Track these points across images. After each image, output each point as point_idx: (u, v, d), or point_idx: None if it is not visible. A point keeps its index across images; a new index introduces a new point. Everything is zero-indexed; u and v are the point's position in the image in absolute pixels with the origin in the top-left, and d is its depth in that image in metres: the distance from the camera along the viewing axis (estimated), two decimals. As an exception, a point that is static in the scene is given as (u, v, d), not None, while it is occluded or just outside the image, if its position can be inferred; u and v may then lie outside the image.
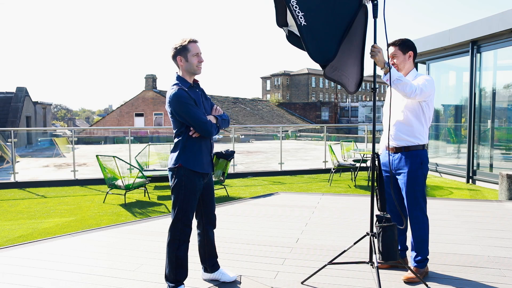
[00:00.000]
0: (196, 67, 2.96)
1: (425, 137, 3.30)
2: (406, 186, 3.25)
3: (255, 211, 5.73)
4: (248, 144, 25.05)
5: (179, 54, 2.93)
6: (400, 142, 3.28)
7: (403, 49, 3.29)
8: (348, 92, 3.18)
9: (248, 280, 3.31)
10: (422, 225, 3.26)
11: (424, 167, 3.27)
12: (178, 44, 2.94)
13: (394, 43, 3.30)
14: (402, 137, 3.27)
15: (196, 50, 2.95)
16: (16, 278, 3.40)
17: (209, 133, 2.94)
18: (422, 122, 3.26)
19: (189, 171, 2.94)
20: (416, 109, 3.24)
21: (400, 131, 3.28)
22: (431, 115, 3.34)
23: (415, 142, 3.25)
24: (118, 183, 6.76)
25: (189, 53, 2.92)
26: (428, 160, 3.36)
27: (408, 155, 3.25)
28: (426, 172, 3.34)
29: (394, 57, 3.29)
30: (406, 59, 3.31)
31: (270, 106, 56.56)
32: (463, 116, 9.87)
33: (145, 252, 4.00)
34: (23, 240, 4.68)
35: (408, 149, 3.26)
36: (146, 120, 39.81)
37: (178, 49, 2.93)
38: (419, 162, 3.23)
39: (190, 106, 2.87)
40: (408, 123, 3.25)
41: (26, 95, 24.79)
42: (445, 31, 9.11)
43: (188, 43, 2.93)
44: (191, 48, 2.93)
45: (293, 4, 2.61)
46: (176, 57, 2.95)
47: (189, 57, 2.93)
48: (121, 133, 32.05)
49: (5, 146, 14.91)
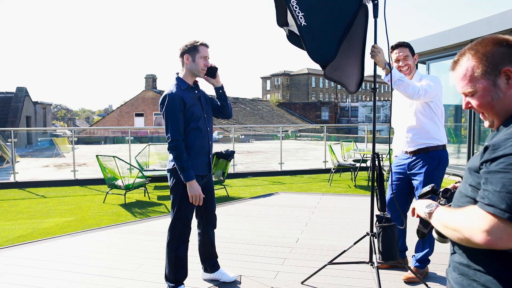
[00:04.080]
0: (201, 69, 2.96)
1: (443, 137, 3.26)
2: (422, 187, 3.22)
3: (255, 211, 5.73)
4: (248, 144, 25.04)
5: (188, 52, 2.93)
6: (418, 146, 3.25)
7: (412, 51, 3.29)
8: (349, 92, 3.18)
9: (248, 280, 3.31)
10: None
11: (441, 168, 3.23)
12: (189, 43, 2.95)
13: (404, 44, 3.26)
14: (420, 142, 3.23)
15: (205, 54, 2.95)
16: (16, 278, 3.40)
17: (172, 148, 2.85)
18: (437, 122, 3.23)
19: None
20: (427, 111, 3.21)
21: (417, 136, 3.24)
22: (443, 113, 3.30)
23: (434, 143, 3.21)
24: (118, 183, 6.76)
25: (198, 54, 2.93)
26: (448, 161, 3.29)
27: (426, 156, 3.21)
28: (443, 173, 3.29)
29: (407, 58, 3.25)
30: (415, 61, 3.31)
31: (270, 106, 56.56)
32: (463, 116, 9.87)
33: (145, 252, 4.00)
34: (23, 240, 4.68)
35: (427, 150, 3.22)
36: (146, 120, 39.81)
37: (188, 48, 2.93)
38: (436, 163, 3.20)
39: (173, 113, 2.84)
40: (423, 127, 3.21)
41: (26, 95, 24.78)
42: (445, 31, 9.11)
43: (200, 45, 2.94)
44: (201, 50, 2.93)
45: (293, 4, 2.61)
46: (184, 55, 2.94)
47: (197, 58, 2.93)
48: (120, 133, 32.05)
49: (5, 146, 14.91)
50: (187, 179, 2.85)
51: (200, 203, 2.94)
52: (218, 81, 3.11)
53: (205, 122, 3.02)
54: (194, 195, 2.87)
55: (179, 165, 2.84)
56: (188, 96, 2.92)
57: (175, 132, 2.85)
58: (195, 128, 2.94)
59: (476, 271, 1.22)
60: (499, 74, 1.22)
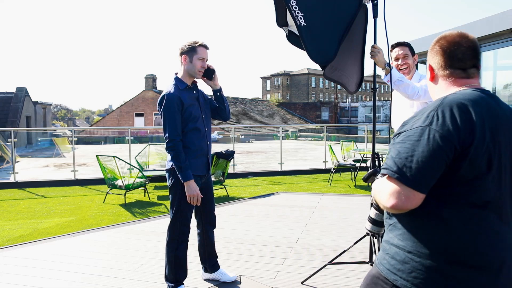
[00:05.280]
0: (198, 71, 2.95)
1: None
2: None
3: (255, 211, 5.73)
4: (248, 144, 25.05)
5: (186, 53, 2.93)
6: None
7: (412, 51, 3.28)
8: (349, 92, 3.18)
9: (248, 280, 3.31)
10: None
11: None
12: (188, 44, 2.94)
13: (404, 44, 3.24)
14: None
15: (203, 55, 2.94)
16: (16, 278, 3.40)
17: (170, 148, 2.86)
18: None
19: None
20: None
21: None
22: None
23: None
24: (118, 183, 6.76)
25: (196, 55, 2.92)
26: None
27: None
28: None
29: (406, 57, 3.23)
30: (414, 61, 3.31)
31: (270, 106, 56.56)
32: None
33: (145, 252, 4.00)
34: (23, 240, 4.68)
35: None
36: (146, 120, 39.81)
37: (187, 48, 2.92)
38: None
39: (170, 113, 2.84)
40: None
41: (26, 95, 24.79)
42: (445, 31, 9.11)
43: (198, 46, 2.93)
44: (199, 51, 2.92)
45: (293, 5, 2.61)
46: (182, 55, 2.95)
47: (194, 59, 2.92)
48: (120, 133, 32.04)
49: (5, 146, 14.92)
50: (185, 179, 2.85)
51: (198, 203, 2.94)
52: (216, 83, 3.11)
53: (203, 122, 3.01)
54: (192, 195, 2.87)
55: (177, 165, 2.85)
56: (186, 97, 2.92)
57: (173, 132, 2.85)
58: (194, 128, 2.94)
59: (390, 245, 1.35)
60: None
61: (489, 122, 1.26)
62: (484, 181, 1.24)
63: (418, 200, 1.22)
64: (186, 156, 2.89)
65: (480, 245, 1.24)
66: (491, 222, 1.26)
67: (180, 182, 2.89)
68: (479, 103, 1.28)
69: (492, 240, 1.26)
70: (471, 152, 1.21)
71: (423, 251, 1.26)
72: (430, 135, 1.22)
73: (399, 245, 1.32)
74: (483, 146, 1.22)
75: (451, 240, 1.25)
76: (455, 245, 1.24)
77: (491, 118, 1.27)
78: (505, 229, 1.28)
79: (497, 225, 1.27)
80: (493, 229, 1.26)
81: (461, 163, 1.22)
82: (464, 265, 1.23)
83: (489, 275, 1.24)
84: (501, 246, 1.26)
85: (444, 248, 1.25)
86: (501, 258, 1.26)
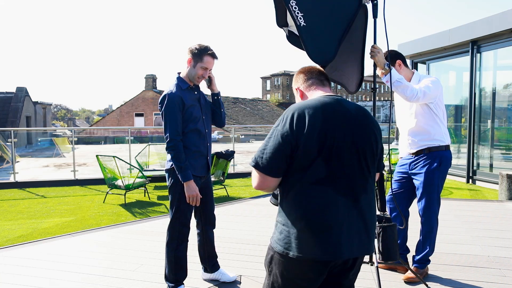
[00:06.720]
0: (197, 78, 2.93)
1: (445, 137, 3.24)
2: (422, 187, 3.22)
3: (255, 211, 5.73)
4: (248, 144, 25.04)
5: (192, 56, 2.90)
6: (420, 148, 3.25)
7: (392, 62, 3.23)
8: (349, 92, 3.17)
9: (248, 280, 3.31)
10: (430, 227, 3.25)
11: (442, 169, 3.21)
12: (199, 47, 2.90)
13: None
14: (421, 144, 3.23)
15: (208, 65, 2.91)
16: (16, 278, 3.40)
17: (170, 148, 2.85)
18: (438, 123, 3.22)
19: None
20: (427, 112, 3.19)
21: (418, 138, 3.24)
22: (444, 112, 3.28)
23: (435, 144, 3.20)
24: (118, 183, 6.76)
25: (200, 63, 2.89)
26: (450, 162, 3.27)
27: (428, 156, 3.21)
28: (444, 174, 3.27)
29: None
30: (398, 70, 3.28)
31: (270, 106, 56.55)
32: (463, 116, 9.88)
33: (145, 252, 4.00)
34: (23, 240, 4.68)
35: (429, 150, 3.21)
36: (146, 120, 39.79)
37: (195, 52, 2.89)
38: (437, 163, 3.19)
39: (171, 113, 2.83)
40: (424, 128, 3.21)
41: (26, 95, 24.79)
42: (445, 31, 9.11)
43: (206, 55, 2.89)
44: (206, 60, 2.89)
45: (292, 5, 2.61)
46: (188, 55, 2.92)
47: (198, 66, 2.90)
48: (120, 133, 32.04)
49: (5, 146, 14.91)
50: (185, 179, 2.84)
51: (198, 204, 2.94)
52: (215, 88, 3.11)
53: (203, 123, 3.01)
54: (192, 195, 2.87)
55: (177, 165, 2.84)
56: (188, 97, 2.92)
57: (173, 132, 2.84)
58: (194, 129, 2.93)
59: (276, 222, 1.70)
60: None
61: (324, 120, 1.60)
62: (317, 164, 1.58)
63: (272, 181, 1.64)
64: (186, 157, 2.89)
65: (318, 211, 1.58)
66: (326, 194, 1.59)
67: (179, 182, 2.89)
68: (317, 107, 1.63)
69: (326, 207, 1.59)
70: (303, 144, 1.57)
71: (288, 221, 1.62)
72: (276, 134, 1.62)
73: (279, 221, 1.68)
74: (312, 139, 1.57)
75: (302, 210, 1.59)
76: (305, 214, 1.59)
77: (329, 118, 1.61)
78: (339, 198, 1.60)
79: (331, 196, 1.59)
80: (327, 198, 1.59)
81: (297, 152, 1.58)
82: (312, 227, 1.58)
83: (324, 234, 1.58)
84: (334, 211, 1.59)
85: (300, 217, 1.59)
86: (333, 220, 1.58)
